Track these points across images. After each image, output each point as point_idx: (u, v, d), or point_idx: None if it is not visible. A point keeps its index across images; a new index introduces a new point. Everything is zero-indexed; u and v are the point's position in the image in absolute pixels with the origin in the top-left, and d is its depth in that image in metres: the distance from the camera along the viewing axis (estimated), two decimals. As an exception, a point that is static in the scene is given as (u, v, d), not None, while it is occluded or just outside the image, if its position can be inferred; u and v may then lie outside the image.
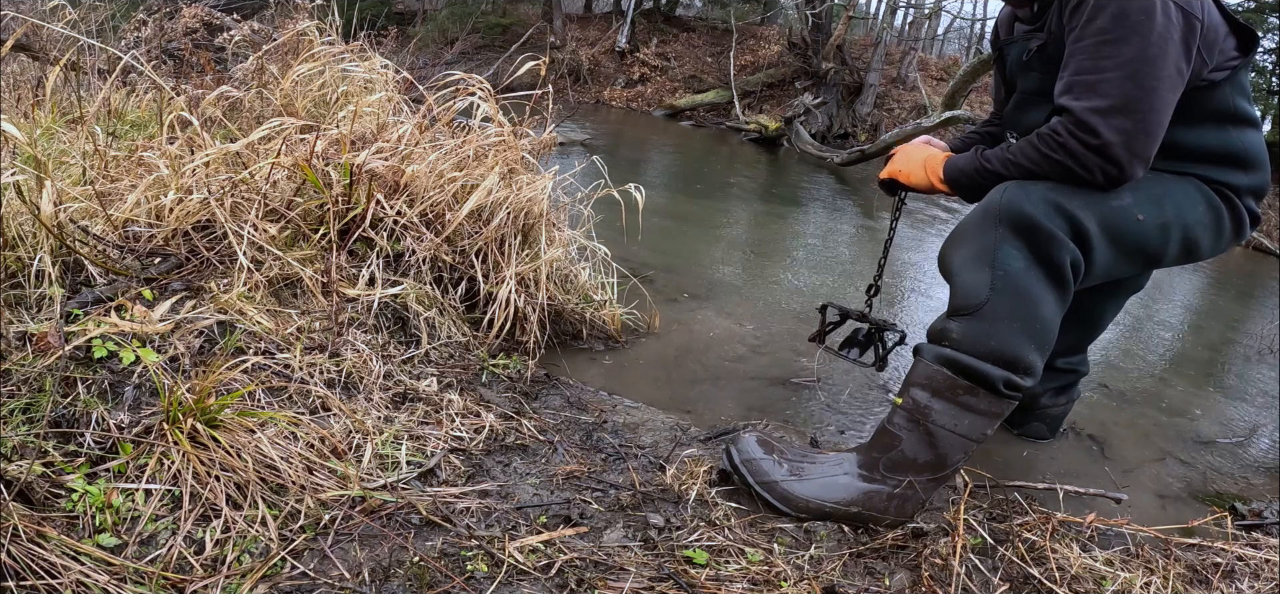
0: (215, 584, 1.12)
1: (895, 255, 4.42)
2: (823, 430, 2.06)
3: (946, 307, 1.58)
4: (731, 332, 2.67)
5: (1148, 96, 1.45)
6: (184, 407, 1.30)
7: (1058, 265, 1.50)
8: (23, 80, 3.18)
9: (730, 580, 1.31)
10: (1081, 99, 1.46)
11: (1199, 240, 1.65)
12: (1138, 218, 1.55)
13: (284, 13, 3.33)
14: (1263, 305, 4.92)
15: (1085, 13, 1.47)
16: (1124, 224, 1.54)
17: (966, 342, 1.50)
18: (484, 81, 2.34)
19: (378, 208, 2.06)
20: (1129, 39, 1.43)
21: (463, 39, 11.39)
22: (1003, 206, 1.51)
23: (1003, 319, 1.49)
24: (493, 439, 1.66)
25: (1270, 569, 1.54)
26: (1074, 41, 1.49)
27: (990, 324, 1.49)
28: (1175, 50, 1.45)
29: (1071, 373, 2.08)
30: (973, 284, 1.51)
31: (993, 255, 1.50)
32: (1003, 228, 1.50)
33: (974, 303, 1.51)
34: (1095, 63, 1.45)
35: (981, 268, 1.51)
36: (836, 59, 10.66)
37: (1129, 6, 1.43)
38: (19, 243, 1.66)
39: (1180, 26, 1.45)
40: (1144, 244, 1.58)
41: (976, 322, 1.50)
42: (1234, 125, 1.62)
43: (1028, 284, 1.49)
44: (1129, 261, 1.62)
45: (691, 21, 14.51)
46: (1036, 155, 1.54)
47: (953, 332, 1.53)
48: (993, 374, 1.48)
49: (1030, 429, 2.14)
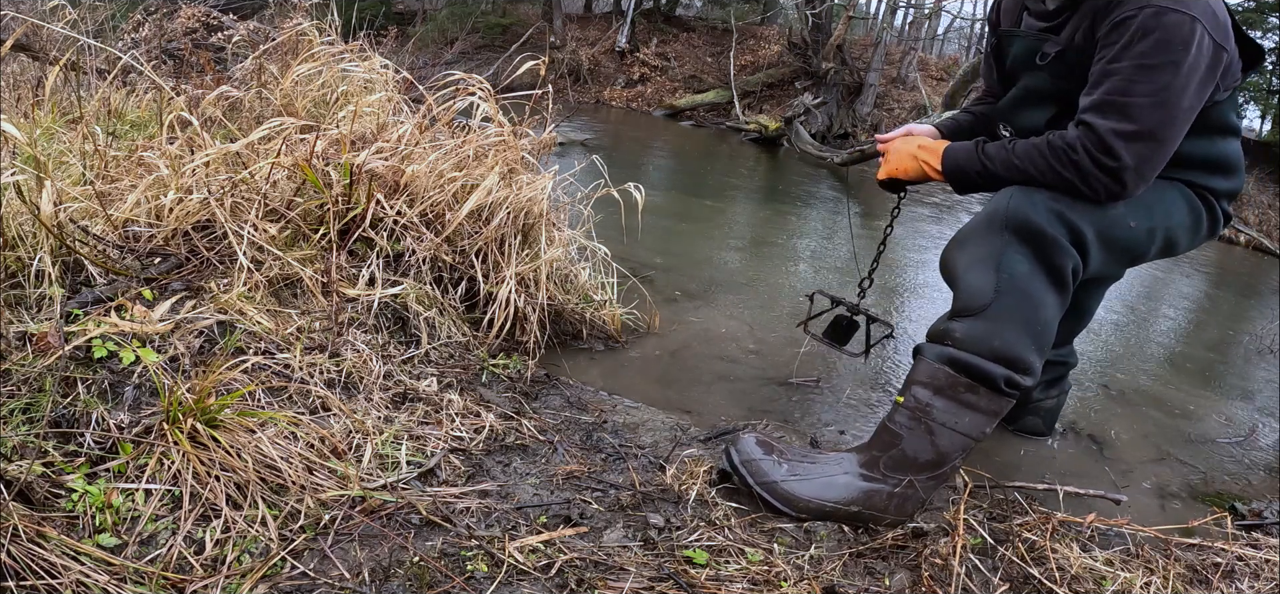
0: (215, 584, 1.12)
1: (899, 255, 4.43)
2: (823, 431, 2.06)
3: (950, 308, 1.60)
4: (732, 331, 2.67)
5: (1170, 125, 1.49)
6: (184, 407, 1.30)
7: (1060, 270, 1.55)
8: (23, 80, 3.18)
9: (730, 580, 1.31)
10: (1109, 119, 1.49)
11: (1179, 240, 1.73)
12: (1130, 225, 1.61)
13: (283, 12, 3.33)
14: (1263, 305, 4.92)
15: (1128, 34, 1.47)
16: (1117, 231, 1.60)
17: (970, 341, 1.53)
18: (484, 81, 2.34)
19: (378, 208, 2.06)
20: (1165, 68, 1.45)
21: (463, 39, 11.39)
22: (1010, 214, 1.55)
23: (1006, 320, 1.52)
24: (493, 439, 1.66)
25: (1270, 569, 1.54)
26: (1109, 61, 1.50)
27: (994, 324, 1.53)
28: (1200, 81, 1.49)
29: (1061, 365, 2.12)
30: (978, 286, 1.55)
31: (998, 259, 1.54)
32: (1008, 233, 1.55)
33: (979, 304, 1.54)
34: (1129, 86, 1.47)
35: (987, 271, 1.55)
36: (836, 59, 10.66)
37: (1172, 36, 1.44)
38: (19, 243, 1.66)
39: (1209, 58, 1.48)
40: (1132, 247, 1.66)
41: (981, 322, 1.54)
42: (1222, 136, 1.68)
43: (1031, 287, 1.53)
44: (1118, 262, 1.72)
45: (691, 21, 14.51)
46: (1043, 165, 1.56)
47: (956, 331, 1.56)
48: (995, 372, 1.52)
49: (1025, 425, 2.15)
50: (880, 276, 3.75)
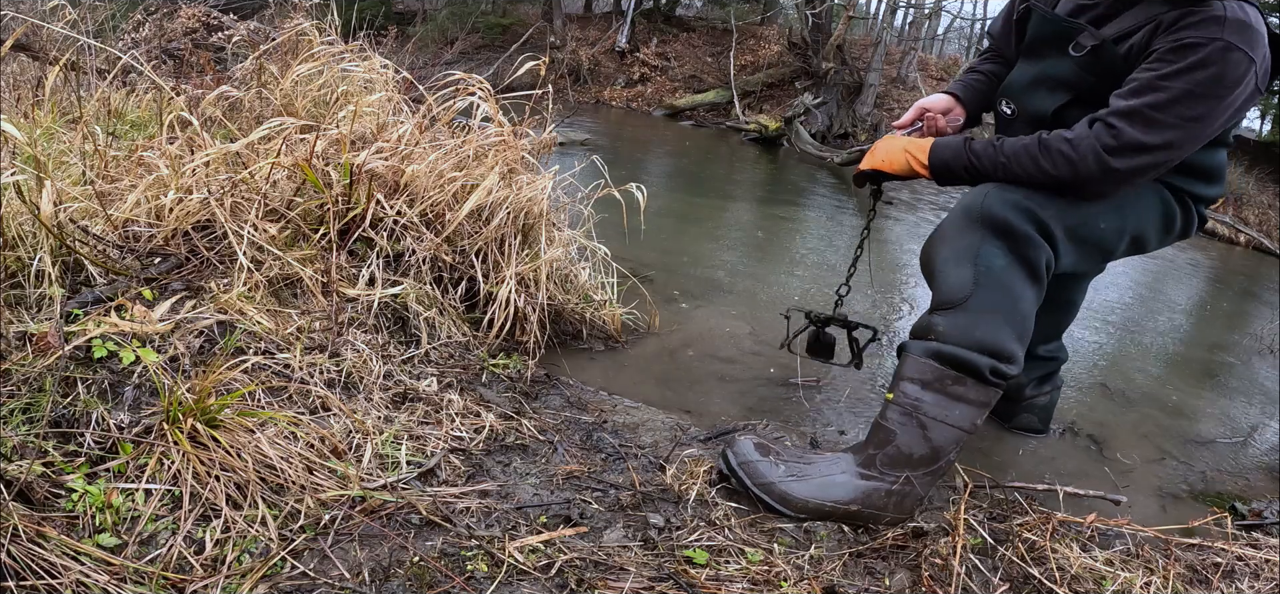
0: (215, 584, 1.12)
1: (894, 257, 4.43)
2: (823, 431, 2.06)
3: (930, 304, 1.63)
4: (732, 331, 2.67)
5: (1186, 147, 1.53)
6: (184, 407, 1.30)
7: (1034, 263, 1.57)
8: (23, 80, 3.18)
9: (730, 580, 1.31)
10: (1135, 128, 1.48)
11: (1149, 240, 1.77)
12: (1100, 226, 1.65)
13: (283, 12, 3.33)
14: (1263, 305, 4.92)
15: (1190, 60, 1.44)
16: (1086, 231, 1.63)
17: (952, 334, 1.56)
18: (484, 81, 2.34)
19: (378, 208, 2.06)
20: (1210, 100, 1.46)
21: (462, 39, 11.40)
22: (984, 210, 1.58)
23: (986, 312, 1.55)
24: (493, 439, 1.66)
25: (1270, 569, 1.54)
26: (1161, 76, 1.47)
27: (975, 316, 1.55)
28: (1231, 114, 1.52)
29: (1052, 360, 2.14)
30: (957, 280, 1.58)
31: (975, 253, 1.57)
32: (984, 228, 1.58)
33: (959, 297, 1.57)
34: (1170, 106, 1.46)
35: (964, 265, 1.57)
36: (836, 59, 10.65)
37: (1229, 75, 1.44)
38: (19, 243, 1.66)
39: (1246, 97, 1.50)
40: (1102, 245, 1.69)
41: (961, 315, 1.56)
42: (1214, 147, 1.68)
43: (1008, 280, 1.56)
44: (1089, 259, 1.74)
45: (691, 21, 14.50)
46: (1032, 167, 1.57)
47: (939, 326, 1.58)
48: (979, 363, 1.54)
49: (1021, 422, 2.17)
50: (883, 277, 3.76)
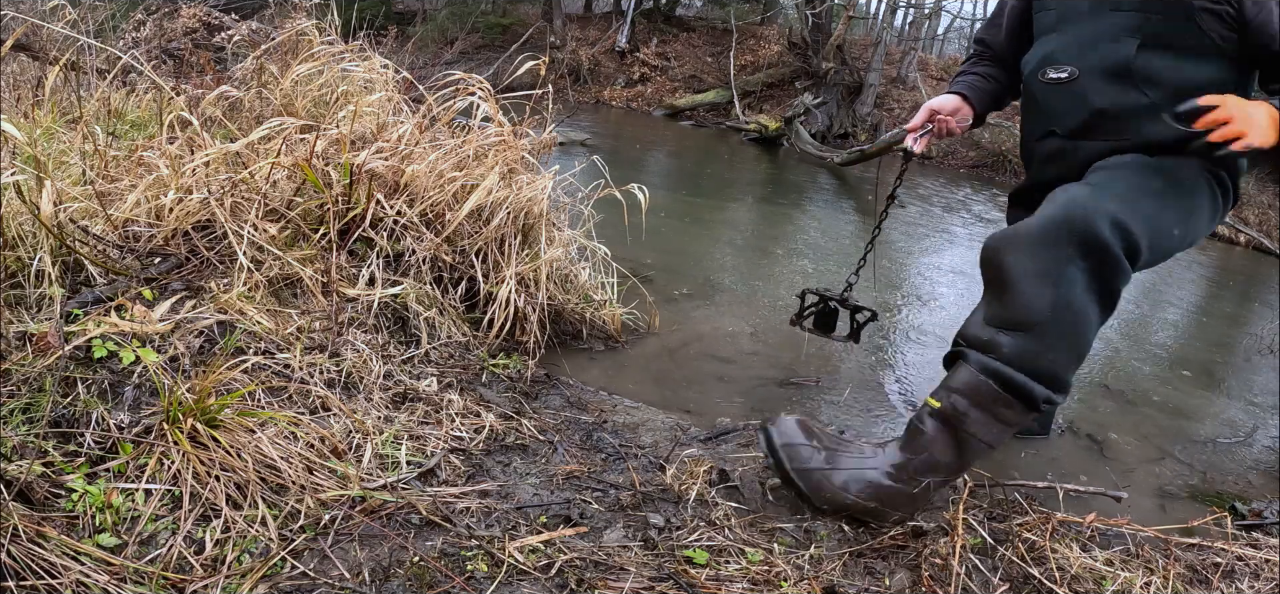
0: (215, 584, 1.12)
1: (894, 257, 4.42)
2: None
3: (985, 310, 1.53)
4: (731, 331, 2.67)
5: None
6: (184, 407, 1.30)
7: (1114, 292, 1.49)
8: (23, 80, 3.18)
9: (730, 580, 1.31)
10: None
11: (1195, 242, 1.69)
12: (1173, 233, 1.56)
13: (283, 12, 3.33)
14: (1263, 305, 4.92)
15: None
16: (1161, 239, 1.53)
17: (1017, 357, 1.46)
18: (484, 81, 2.34)
19: (378, 208, 2.06)
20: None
21: (462, 39, 11.39)
22: (1077, 225, 1.44)
23: (1057, 340, 1.46)
24: (493, 439, 1.66)
25: (1270, 569, 1.54)
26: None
27: (1044, 343, 1.46)
28: None
29: None
30: (1035, 300, 1.45)
31: (1060, 275, 1.44)
32: (1074, 246, 1.44)
33: (1032, 320, 1.45)
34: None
35: (1045, 285, 1.45)
36: (836, 59, 10.65)
37: None
38: (19, 243, 1.66)
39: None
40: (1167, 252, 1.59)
41: (1031, 340, 1.46)
42: None
43: (1084, 307, 1.46)
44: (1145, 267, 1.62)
45: (691, 21, 14.49)
46: None
47: (1003, 346, 1.48)
48: (1036, 392, 1.46)
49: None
50: (883, 275, 3.75)
